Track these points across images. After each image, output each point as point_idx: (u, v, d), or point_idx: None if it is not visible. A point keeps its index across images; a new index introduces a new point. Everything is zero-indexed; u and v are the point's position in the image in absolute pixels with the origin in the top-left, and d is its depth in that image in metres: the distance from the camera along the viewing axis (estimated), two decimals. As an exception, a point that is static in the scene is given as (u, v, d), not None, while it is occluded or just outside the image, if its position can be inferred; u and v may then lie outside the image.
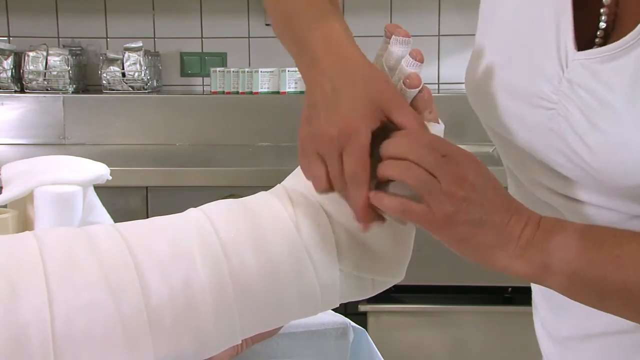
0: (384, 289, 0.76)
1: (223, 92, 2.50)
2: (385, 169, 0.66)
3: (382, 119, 0.67)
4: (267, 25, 2.62)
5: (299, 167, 0.74)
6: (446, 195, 0.64)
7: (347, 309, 1.95)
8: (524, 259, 0.65)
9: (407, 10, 2.61)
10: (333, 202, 0.71)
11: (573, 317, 0.79)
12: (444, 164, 0.64)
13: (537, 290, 0.86)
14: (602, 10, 0.70)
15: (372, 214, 0.67)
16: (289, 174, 0.79)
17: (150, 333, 0.62)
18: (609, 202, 0.70)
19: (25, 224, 1.18)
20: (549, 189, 0.76)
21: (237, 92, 2.50)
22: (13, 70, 2.53)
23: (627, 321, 0.72)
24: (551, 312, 0.83)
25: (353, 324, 1.04)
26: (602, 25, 0.70)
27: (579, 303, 0.75)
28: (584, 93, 0.68)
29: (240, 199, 0.73)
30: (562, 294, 0.68)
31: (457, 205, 0.64)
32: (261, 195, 0.74)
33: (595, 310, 0.74)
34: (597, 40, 0.70)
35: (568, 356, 0.81)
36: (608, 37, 0.70)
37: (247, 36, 2.64)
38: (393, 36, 0.72)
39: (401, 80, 0.70)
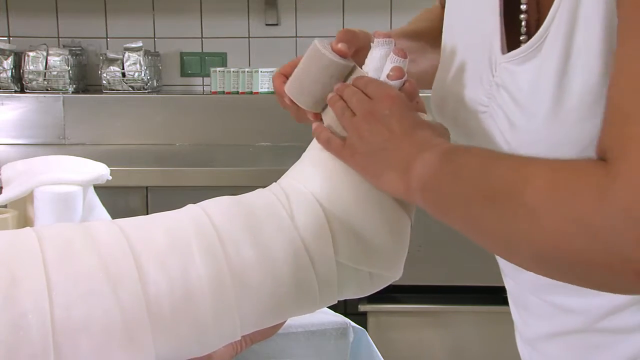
0: (384, 286, 0.76)
1: (223, 92, 2.50)
2: (329, 101, 0.76)
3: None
4: (267, 25, 2.62)
5: (293, 165, 0.79)
6: (354, 128, 0.71)
7: (347, 309, 1.95)
8: (401, 179, 0.68)
9: (408, 10, 2.60)
10: (328, 194, 0.73)
11: (536, 318, 0.80)
12: (364, 103, 0.72)
13: (508, 293, 0.88)
14: (521, 17, 0.72)
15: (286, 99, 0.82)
16: (289, 174, 0.79)
17: (149, 321, 0.63)
18: None
19: (25, 224, 1.19)
20: None
21: (237, 92, 2.50)
22: (13, 70, 2.53)
23: (586, 321, 0.73)
24: (518, 313, 0.85)
25: (353, 324, 1.04)
26: (523, 29, 0.72)
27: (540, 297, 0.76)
28: (505, 93, 0.71)
29: (237, 195, 0.74)
30: (430, 213, 0.67)
31: (360, 136, 0.71)
32: (257, 191, 0.76)
33: (555, 310, 0.76)
34: (521, 45, 0.72)
35: (535, 356, 0.83)
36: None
37: (247, 36, 2.64)
38: (375, 39, 0.77)
39: (386, 76, 0.74)
